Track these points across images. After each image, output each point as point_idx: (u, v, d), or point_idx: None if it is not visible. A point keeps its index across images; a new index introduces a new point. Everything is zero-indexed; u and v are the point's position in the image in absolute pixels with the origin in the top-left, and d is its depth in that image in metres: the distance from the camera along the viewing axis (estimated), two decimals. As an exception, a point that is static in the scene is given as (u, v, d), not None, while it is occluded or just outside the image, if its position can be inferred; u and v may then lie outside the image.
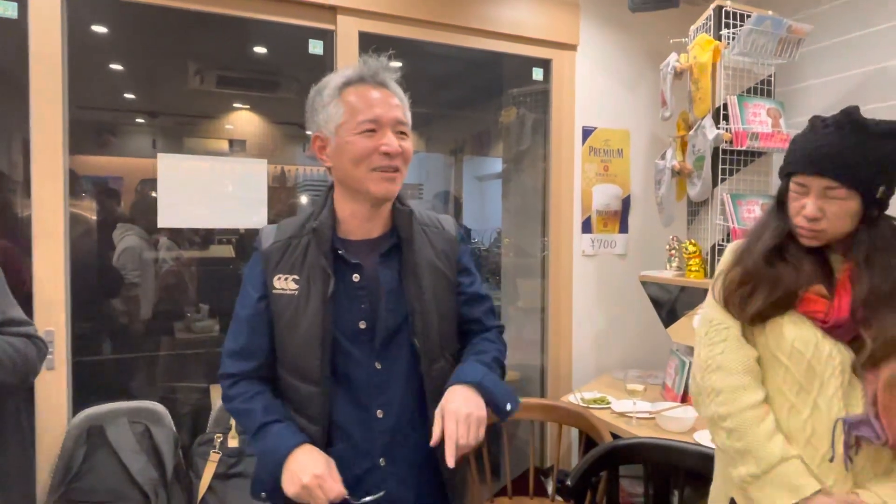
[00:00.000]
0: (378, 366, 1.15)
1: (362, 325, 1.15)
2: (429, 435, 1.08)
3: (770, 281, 1.15)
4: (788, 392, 1.13)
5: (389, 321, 1.15)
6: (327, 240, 1.14)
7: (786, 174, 1.17)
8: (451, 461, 1.02)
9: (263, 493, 1.11)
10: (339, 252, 1.15)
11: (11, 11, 1.88)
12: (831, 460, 1.08)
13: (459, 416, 1.05)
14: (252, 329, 1.17)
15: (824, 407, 1.09)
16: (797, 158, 1.14)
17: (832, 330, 1.10)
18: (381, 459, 1.15)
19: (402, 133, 1.14)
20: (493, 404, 1.12)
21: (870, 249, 1.10)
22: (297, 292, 1.14)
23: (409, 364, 1.16)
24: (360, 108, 1.11)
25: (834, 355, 1.09)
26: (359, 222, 1.17)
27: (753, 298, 1.15)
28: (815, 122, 1.15)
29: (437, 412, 1.08)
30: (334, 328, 1.13)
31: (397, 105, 1.14)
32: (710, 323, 1.22)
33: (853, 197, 1.09)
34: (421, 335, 1.15)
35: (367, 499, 1.09)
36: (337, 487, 1.05)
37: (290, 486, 1.05)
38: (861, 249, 1.11)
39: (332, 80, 1.15)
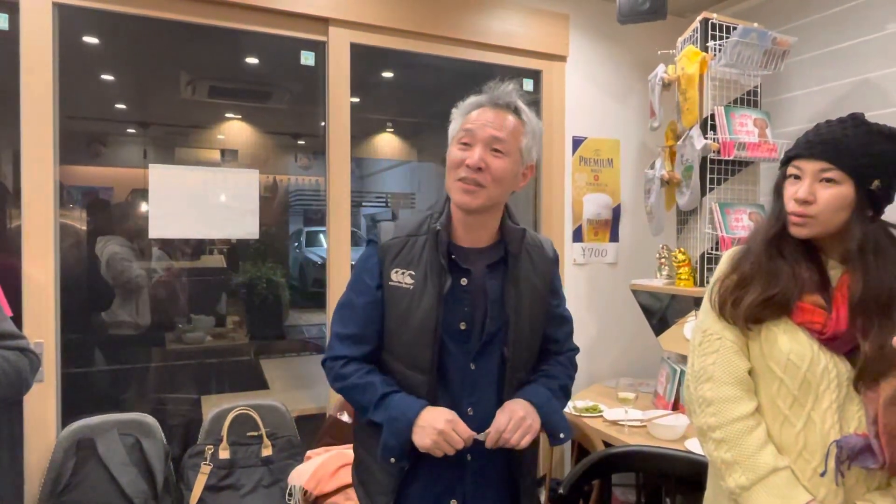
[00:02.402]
0: (472, 367, 1.23)
1: (462, 326, 1.23)
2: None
3: (767, 275, 1.14)
4: (782, 404, 1.12)
5: (489, 327, 1.23)
6: (445, 242, 1.22)
7: (784, 161, 1.18)
8: (489, 443, 1.16)
9: (393, 458, 1.16)
10: (452, 256, 1.22)
11: (2, 23, 1.89)
12: (822, 475, 1.07)
13: (515, 415, 1.18)
14: (367, 316, 1.23)
15: (818, 420, 1.09)
16: (797, 144, 1.16)
17: (829, 342, 1.09)
18: (468, 455, 1.22)
19: (497, 150, 1.19)
20: (548, 429, 1.24)
21: (862, 244, 1.09)
22: (412, 286, 1.21)
23: (498, 369, 1.25)
24: (465, 122, 1.21)
25: (830, 369, 1.08)
26: (465, 230, 1.25)
27: (748, 293, 1.14)
28: (821, 122, 1.17)
29: (498, 412, 1.20)
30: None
31: (505, 126, 1.20)
32: (703, 333, 1.21)
33: (847, 183, 1.08)
34: (512, 345, 1.24)
35: (491, 432, 1.17)
36: (468, 429, 1.15)
37: (425, 438, 1.13)
38: (853, 243, 1.09)
39: (468, 101, 1.26)
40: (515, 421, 1.17)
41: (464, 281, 1.23)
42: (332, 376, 1.26)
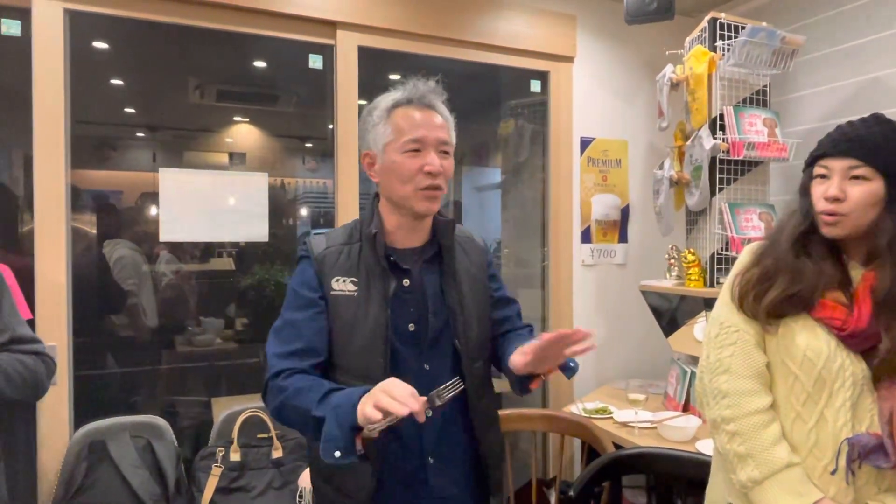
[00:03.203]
0: (426, 367, 1.21)
1: (411, 327, 1.21)
2: (471, 431, 1.22)
3: (792, 272, 1.13)
4: (795, 401, 1.12)
5: (435, 324, 1.22)
6: (382, 245, 1.20)
7: (810, 162, 1.18)
8: (447, 392, 1.02)
9: (337, 452, 1.00)
10: (391, 258, 1.21)
11: (15, 29, 1.91)
12: (833, 472, 1.07)
13: (543, 340, 1.07)
14: (313, 329, 1.18)
15: (830, 418, 1.09)
16: (822, 144, 1.16)
17: (848, 339, 1.09)
18: (429, 458, 1.20)
19: (445, 152, 1.21)
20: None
21: (893, 239, 1.08)
22: (356, 293, 1.18)
23: (452, 364, 1.23)
24: (406, 128, 1.18)
25: (846, 367, 1.08)
26: (404, 233, 1.24)
27: (773, 288, 1.14)
28: (842, 123, 1.17)
29: (522, 349, 1.14)
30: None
31: (441, 125, 1.20)
32: (721, 325, 1.21)
33: (877, 179, 1.09)
34: (462, 336, 1.23)
35: (448, 392, 1.03)
36: (411, 388, 0.99)
37: (367, 405, 0.96)
38: (883, 238, 1.09)
39: (382, 102, 1.22)
40: (546, 344, 1.07)
41: (406, 282, 1.22)
42: (273, 394, 1.13)
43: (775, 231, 1.24)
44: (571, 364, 1.21)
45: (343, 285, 1.19)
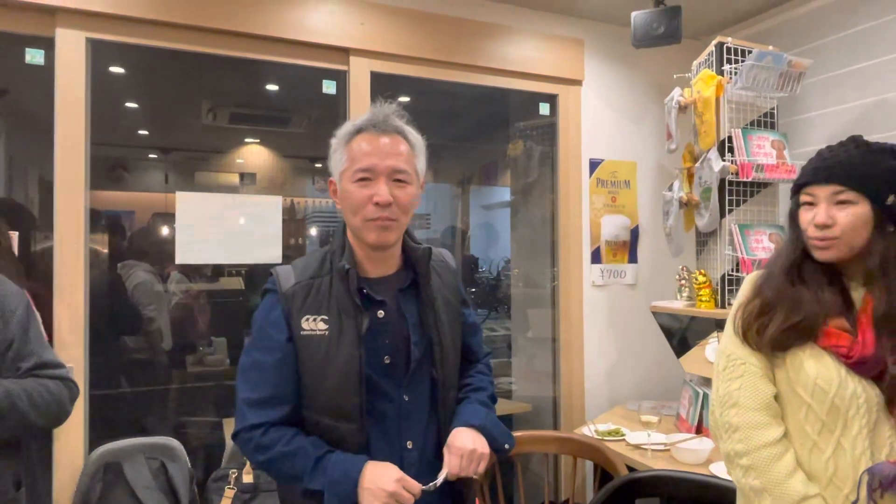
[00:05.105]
0: (406, 398, 1.18)
1: (387, 360, 1.18)
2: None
3: (790, 302, 1.13)
4: (811, 430, 1.11)
5: (416, 353, 1.18)
6: (355, 278, 1.15)
7: (795, 190, 1.20)
8: (438, 480, 1.13)
9: None
10: (365, 290, 1.17)
11: (39, 58, 1.96)
12: (855, 503, 1.06)
13: (464, 451, 1.14)
14: (281, 375, 1.14)
15: (848, 446, 1.08)
16: (805, 172, 1.18)
17: (856, 366, 1.08)
18: None
19: (400, 181, 1.15)
20: (493, 445, 1.20)
21: (884, 260, 1.09)
22: (327, 332, 1.13)
23: (429, 394, 1.21)
24: (357, 156, 1.14)
25: (859, 394, 1.07)
26: (372, 263, 1.20)
27: (773, 321, 1.14)
28: (822, 149, 1.19)
29: (445, 449, 1.17)
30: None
31: (397, 153, 1.15)
32: (727, 358, 1.21)
33: (862, 202, 1.10)
34: (440, 366, 1.20)
35: (439, 480, 1.14)
36: (417, 484, 1.09)
37: (374, 500, 1.05)
38: (874, 259, 1.10)
39: (345, 128, 1.19)
40: (467, 457, 1.14)
41: (381, 313, 1.17)
42: (250, 448, 1.12)
43: (771, 261, 1.24)
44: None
45: (313, 324, 1.13)
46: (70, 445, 1.93)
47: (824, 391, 1.09)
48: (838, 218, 1.10)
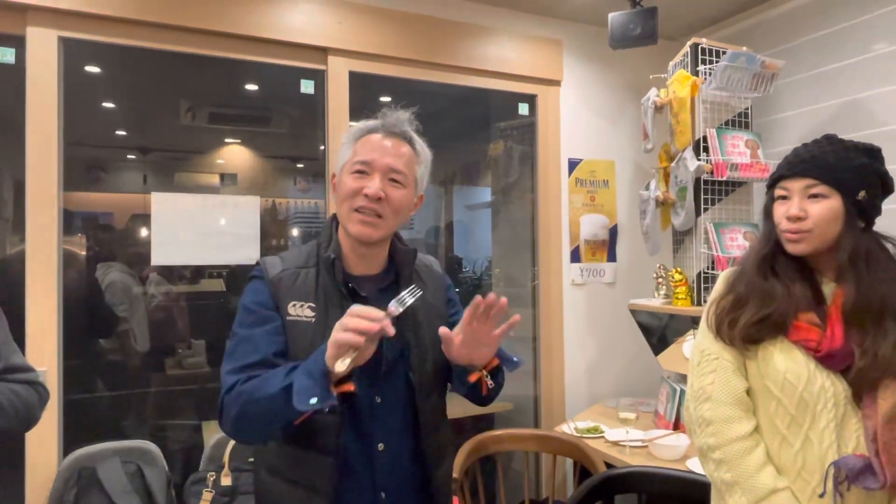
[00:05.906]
0: (378, 399, 1.17)
1: None
2: (423, 464, 1.17)
3: (761, 295, 1.16)
4: (780, 424, 1.13)
5: (388, 353, 1.17)
6: (341, 271, 1.16)
7: (770, 184, 1.22)
8: (406, 298, 1.06)
9: (314, 399, 0.97)
10: (350, 284, 1.17)
11: (9, 57, 1.93)
12: (821, 496, 1.08)
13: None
14: (268, 344, 1.11)
15: (816, 440, 1.10)
16: (780, 167, 1.21)
17: (824, 360, 1.10)
18: (381, 492, 1.16)
19: (395, 181, 1.16)
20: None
21: (853, 254, 1.11)
22: (314, 318, 1.13)
23: (405, 397, 1.19)
24: (359, 151, 1.17)
25: (827, 388, 1.09)
26: (356, 259, 1.20)
27: (744, 314, 1.16)
28: (797, 146, 1.22)
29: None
30: None
31: (401, 155, 1.17)
32: (701, 353, 1.23)
33: (835, 196, 1.12)
34: (417, 369, 1.19)
35: (406, 297, 1.06)
36: (375, 310, 0.99)
37: (334, 340, 0.97)
38: (844, 253, 1.12)
39: (356, 127, 1.21)
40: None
41: None
42: (228, 407, 1.06)
43: (745, 257, 1.27)
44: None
45: (300, 310, 1.14)
46: (43, 450, 1.90)
47: (793, 385, 1.11)
48: (811, 211, 1.13)
